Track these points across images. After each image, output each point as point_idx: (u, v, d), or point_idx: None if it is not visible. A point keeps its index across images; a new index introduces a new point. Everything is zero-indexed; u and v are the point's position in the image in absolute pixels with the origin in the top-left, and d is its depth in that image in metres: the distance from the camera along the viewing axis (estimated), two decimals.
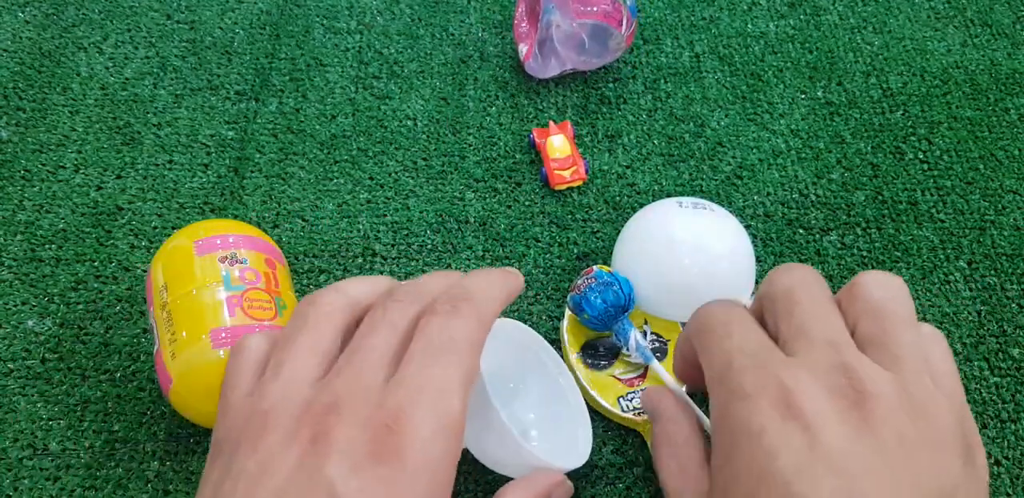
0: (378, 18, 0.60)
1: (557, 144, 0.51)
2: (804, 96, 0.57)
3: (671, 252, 0.41)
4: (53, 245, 0.48)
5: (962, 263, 0.49)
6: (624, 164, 0.53)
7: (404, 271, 0.48)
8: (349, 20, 0.60)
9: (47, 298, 0.46)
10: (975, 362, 0.45)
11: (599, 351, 0.43)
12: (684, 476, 0.30)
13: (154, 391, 0.43)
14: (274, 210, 0.50)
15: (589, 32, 0.52)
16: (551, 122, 0.53)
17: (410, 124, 0.54)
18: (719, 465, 0.27)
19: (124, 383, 0.43)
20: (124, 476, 0.40)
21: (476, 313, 0.28)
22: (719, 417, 0.28)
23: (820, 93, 0.57)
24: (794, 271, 0.30)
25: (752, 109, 0.56)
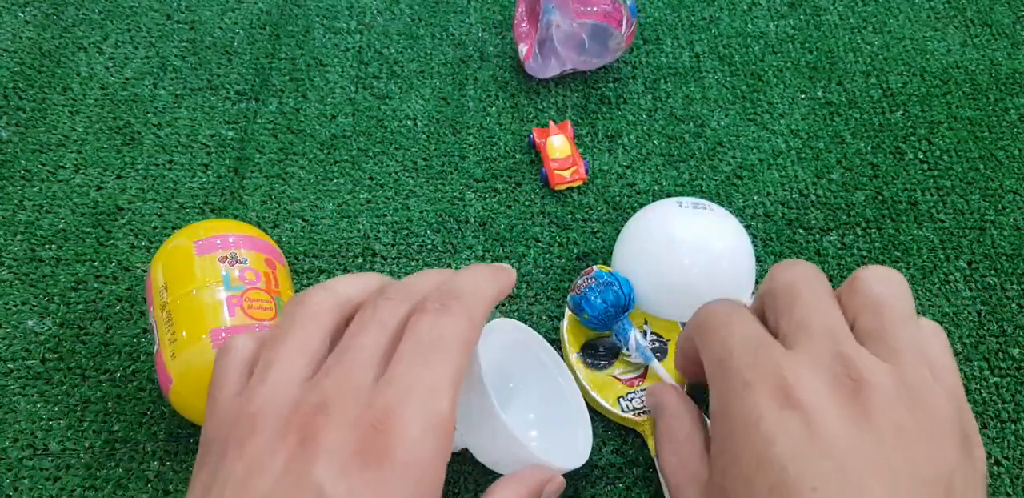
0: (378, 18, 0.60)
1: (557, 144, 0.51)
2: (804, 96, 0.57)
3: (671, 252, 0.42)
4: (53, 245, 0.48)
5: (962, 263, 0.49)
6: (624, 164, 0.53)
7: (404, 271, 0.48)
8: (349, 20, 0.60)
9: (47, 298, 0.46)
10: (975, 362, 0.45)
11: (599, 351, 0.43)
12: (685, 470, 0.30)
13: (154, 391, 0.43)
14: (274, 210, 0.50)
15: (589, 32, 0.52)
16: (551, 122, 0.53)
17: (410, 124, 0.54)
18: (717, 453, 0.28)
19: (124, 383, 0.43)
20: (124, 476, 0.40)
21: (466, 311, 0.28)
22: (718, 406, 0.28)
23: (820, 93, 0.57)
24: (795, 267, 0.30)
25: (752, 109, 0.56)
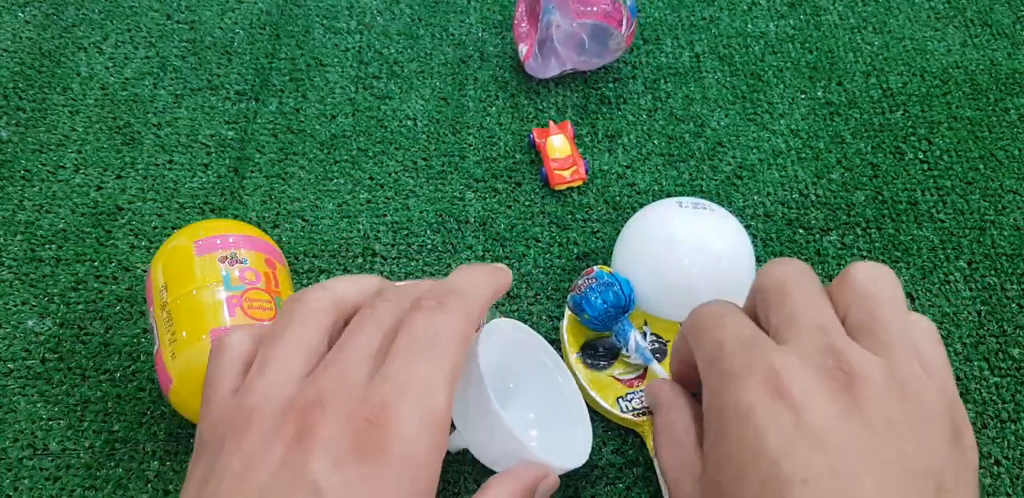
0: (378, 18, 0.60)
1: (557, 144, 0.51)
2: (804, 96, 0.57)
3: (671, 252, 0.42)
4: (53, 245, 0.48)
5: (962, 263, 0.49)
6: (624, 164, 0.53)
7: (404, 271, 0.48)
8: (349, 20, 0.60)
9: (47, 298, 0.46)
10: (975, 362, 0.45)
11: (599, 351, 0.43)
12: (681, 464, 0.30)
13: (154, 391, 0.43)
14: (274, 210, 0.50)
15: (589, 32, 0.52)
16: (551, 122, 0.53)
17: (410, 124, 0.54)
18: (710, 446, 0.28)
19: (124, 383, 0.43)
20: (124, 476, 0.40)
21: (462, 308, 0.28)
22: (710, 399, 0.28)
23: (820, 93, 0.57)
24: (786, 265, 0.30)
25: (752, 109, 0.56)
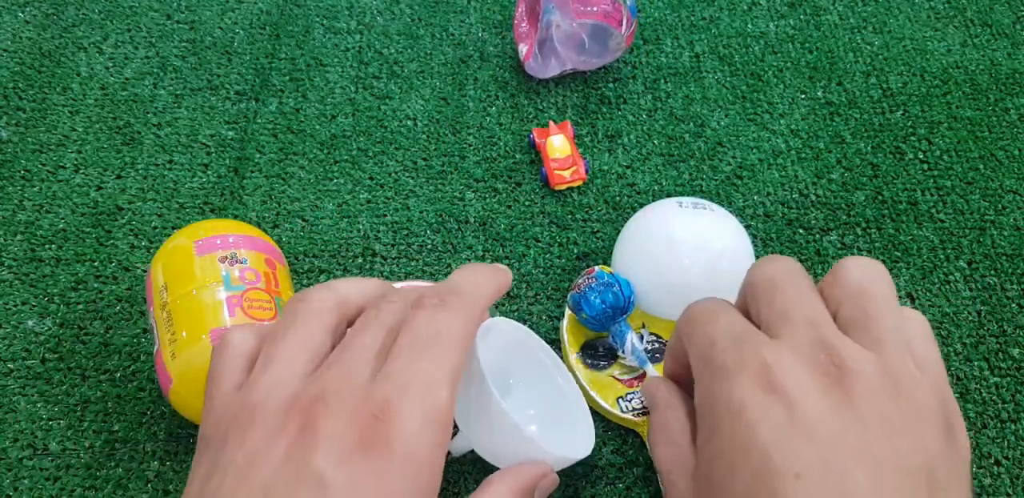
0: (378, 18, 0.60)
1: (557, 144, 0.51)
2: (804, 96, 0.57)
3: (671, 252, 0.42)
4: (53, 245, 0.48)
5: (962, 263, 0.49)
6: (624, 164, 0.53)
7: (404, 271, 0.48)
8: (349, 20, 0.60)
9: (47, 298, 0.46)
10: (975, 362, 0.45)
11: (599, 351, 0.43)
12: (675, 459, 0.30)
13: (154, 391, 0.43)
14: (274, 210, 0.50)
15: (589, 32, 0.52)
16: (551, 122, 0.53)
17: (410, 124, 0.54)
18: (703, 441, 0.28)
19: (124, 383, 0.43)
20: (124, 476, 0.40)
21: (464, 307, 0.28)
22: (702, 395, 0.28)
23: (820, 93, 0.57)
24: (776, 262, 0.31)
25: (752, 109, 0.56)
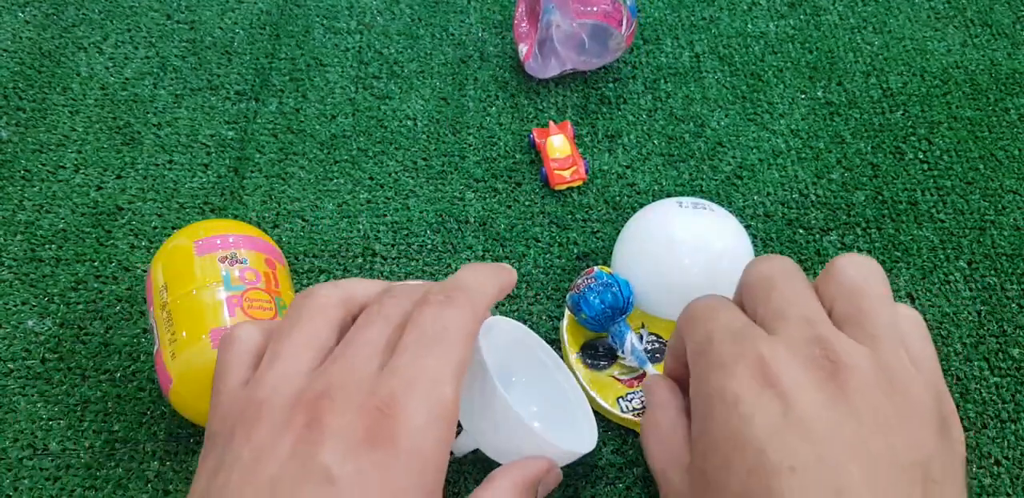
0: (378, 18, 0.60)
1: (557, 144, 0.51)
2: (804, 96, 0.57)
3: (671, 252, 0.41)
4: (53, 245, 0.48)
5: (962, 263, 0.49)
6: (624, 164, 0.53)
7: (404, 271, 0.48)
8: (349, 20, 0.60)
9: (47, 298, 0.46)
10: (975, 362, 0.45)
11: (599, 351, 0.43)
12: (669, 456, 0.30)
13: (154, 391, 0.43)
14: (274, 210, 0.50)
15: (589, 32, 0.52)
16: (551, 122, 0.53)
17: (410, 124, 0.54)
18: (697, 435, 0.28)
19: (124, 383, 0.43)
20: (124, 476, 0.40)
21: (469, 303, 0.29)
22: (698, 387, 0.28)
23: (820, 93, 0.57)
24: (772, 260, 0.31)
25: (752, 109, 0.56)
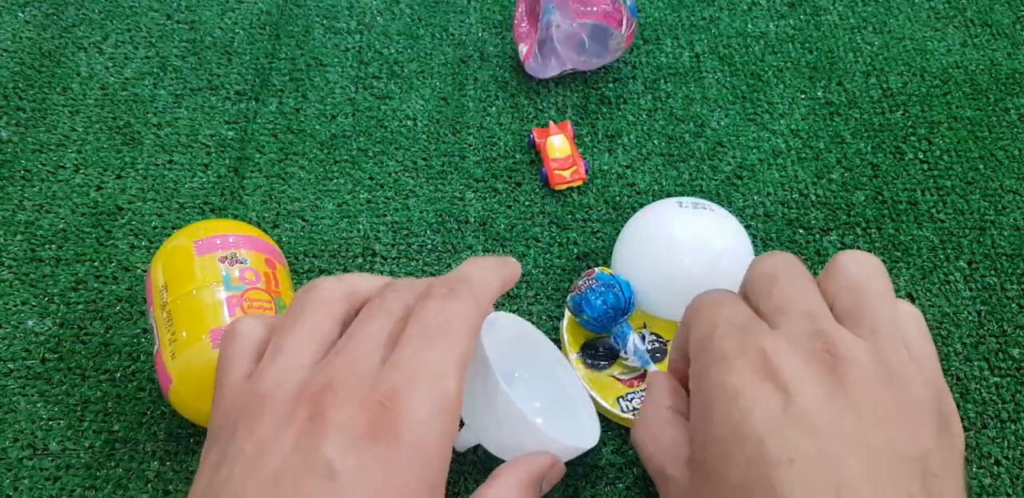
0: (378, 18, 0.60)
1: (557, 144, 0.51)
2: (804, 96, 0.57)
3: (671, 252, 0.42)
4: (53, 245, 0.48)
5: (962, 263, 0.49)
6: (624, 164, 0.53)
7: (404, 271, 0.48)
8: (349, 20, 0.60)
9: (47, 298, 0.46)
10: (975, 362, 0.45)
11: (599, 351, 0.43)
12: (666, 452, 0.30)
13: (154, 391, 0.43)
14: (274, 210, 0.50)
15: (589, 32, 0.52)
16: (551, 122, 0.53)
17: (410, 124, 0.54)
18: (696, 427, 0.28)
19: (124, 383, 0.43)
20: (124, 476, 0.40)
21: (472, 297, 0.28)
22: (698, 379, 0.28)
23: (820, 93, 0.57)
24: (775, 257, 0.31)
25: (752, 109, 0.56)
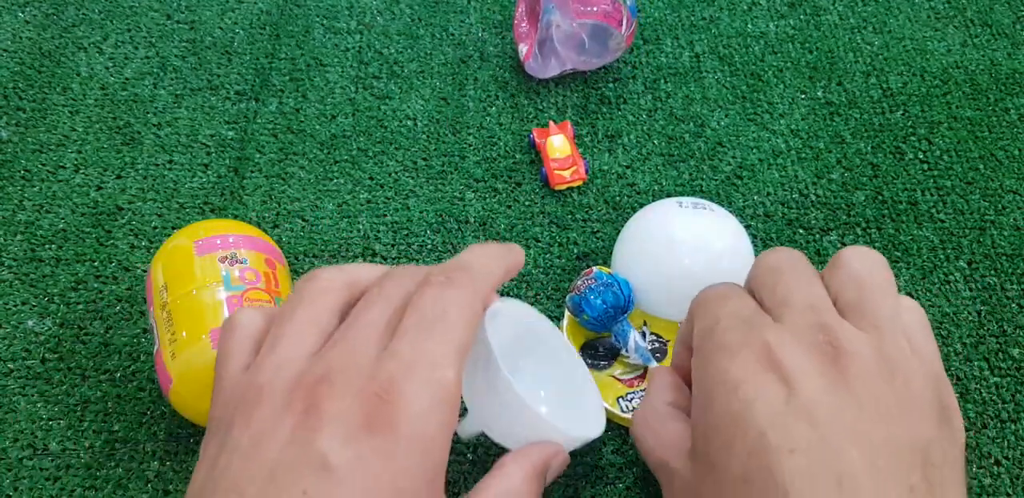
0: (378, 18, 0.60)
1: (557, 144, 0.51)
2: (804, 96, 0.57)
3: (671, 252, 0.42)
4: (53, 245, 0.48)
5: (962, 263, 0.49)
6: (624, 164, 0.53)
7: None
8: (349, 20, 0.60)
9: (47, 298, 0.46)
10: (975, 362, 0.45)
11: (599, 351, 0.43)
12: (668, 446, 0.30)
13: (154, 391, 0.43)
14: (274, 210, 0.50)
15: (589, 32, 0.52)
16: (551, 122, 0.53)
17: (410, 124, 0.54)
18: (698, 419, 0.28)
19: (124, 383, 0.43)
20: (124, 476, 0.40)
21: (471, 284, 0.28)
22: (700, 371, 0.28)
23: (820, 93, 0.57)
24: (780, 252, 0.31)
25: (752, 109, 0.56)
